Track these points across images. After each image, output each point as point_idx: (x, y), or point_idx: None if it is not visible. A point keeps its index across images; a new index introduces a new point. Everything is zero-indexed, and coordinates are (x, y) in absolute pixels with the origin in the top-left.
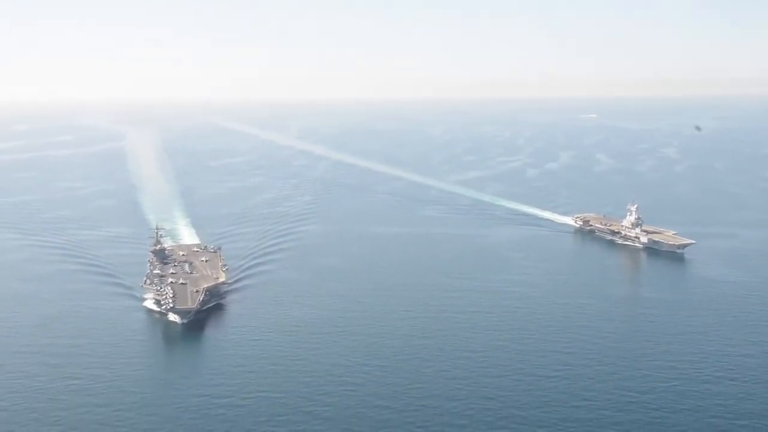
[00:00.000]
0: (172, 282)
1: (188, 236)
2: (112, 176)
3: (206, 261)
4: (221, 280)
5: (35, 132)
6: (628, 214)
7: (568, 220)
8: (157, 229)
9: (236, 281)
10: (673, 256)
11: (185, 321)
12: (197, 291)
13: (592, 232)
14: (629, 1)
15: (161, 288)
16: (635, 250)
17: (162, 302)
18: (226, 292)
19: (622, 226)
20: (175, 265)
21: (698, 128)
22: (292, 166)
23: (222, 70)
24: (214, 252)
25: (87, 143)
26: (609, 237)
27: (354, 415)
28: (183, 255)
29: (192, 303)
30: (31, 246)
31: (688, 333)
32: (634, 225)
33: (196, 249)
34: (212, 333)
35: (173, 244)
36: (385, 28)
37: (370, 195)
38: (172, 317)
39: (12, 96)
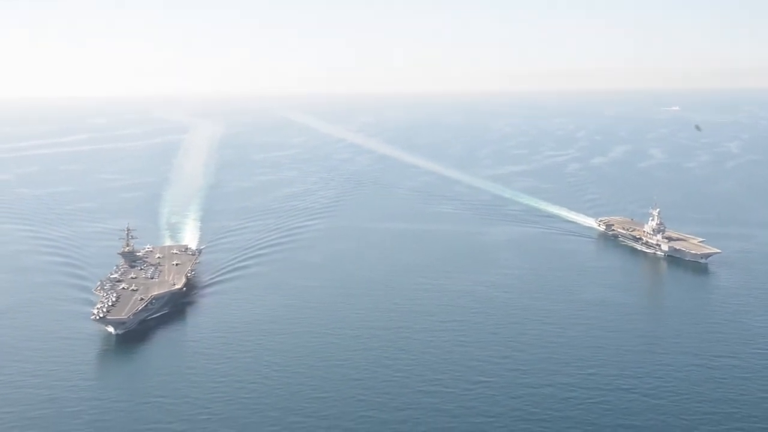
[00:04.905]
0: (124, 288)
1: (191, 232)
2: (153, 169)
3: (176, 265)
4: (177, 286)
5: (109, 125)
6: (650, 218)
7: (593, 223)
8: (128, 230)
9: (211, 284)
10: (696, 266)
11: (119, 332)
12: (142, 299)
13: (615, 237)
14: None
15: (106, 294)
16: (656, 258)
17: (98, 310)
18: (195, 295)
19: (644, 232)
20: (140, 269)
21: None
22: (332, 160)
23: (310, 62)
24: (193, 254)
25: (150, 136)
26: (631, 243)
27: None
28: (158, 258)
29: (126, 313)
30: (29, 237)
31: (693, 355)
32: (656, 231)
33: (175, 251)
34: (149, 346)
35: (155, 245)
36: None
37: (394, 190)
38: (109, 327)
39: (109, 90)
